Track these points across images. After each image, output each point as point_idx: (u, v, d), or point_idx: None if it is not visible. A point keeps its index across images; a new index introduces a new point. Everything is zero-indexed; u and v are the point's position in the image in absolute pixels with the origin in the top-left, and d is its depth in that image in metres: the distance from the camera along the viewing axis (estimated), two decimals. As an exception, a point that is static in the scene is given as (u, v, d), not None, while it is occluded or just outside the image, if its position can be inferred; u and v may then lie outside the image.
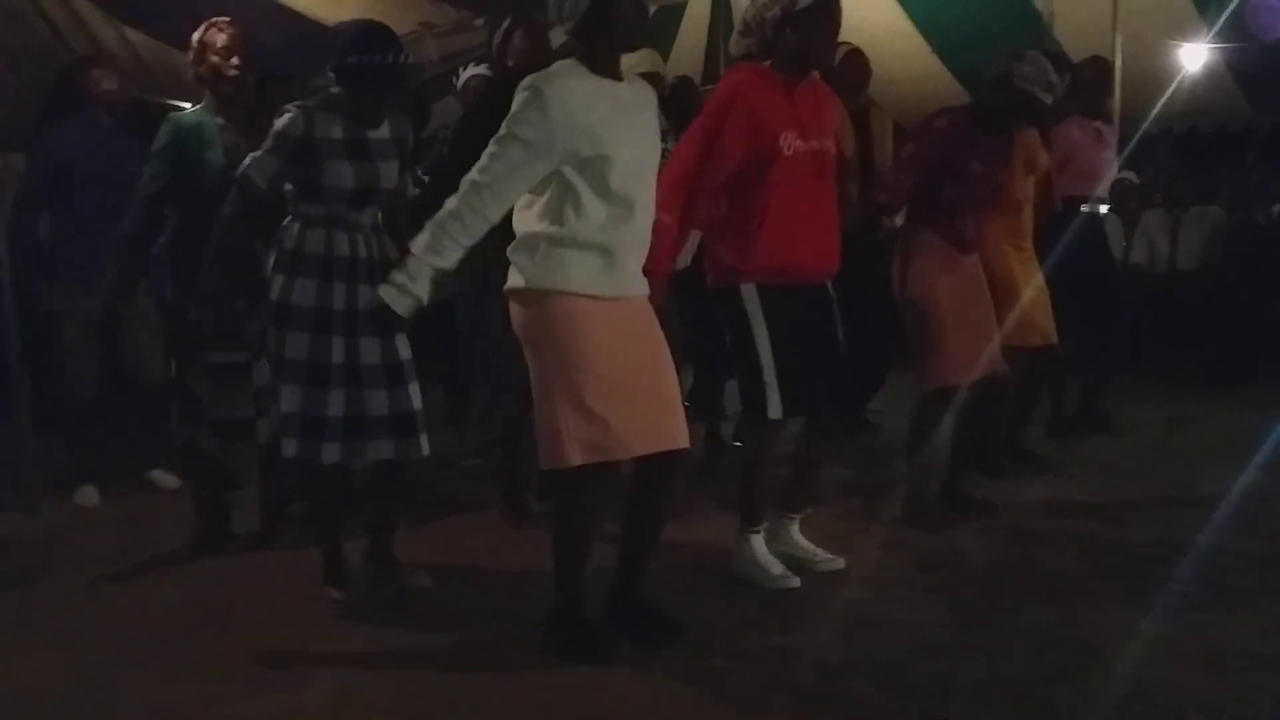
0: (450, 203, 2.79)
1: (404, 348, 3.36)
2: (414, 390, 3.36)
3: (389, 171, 3.35)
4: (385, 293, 2.86)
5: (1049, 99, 3.91)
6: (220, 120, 3.90)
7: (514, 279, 2.85)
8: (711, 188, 3.31)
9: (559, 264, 2.77)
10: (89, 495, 4.72)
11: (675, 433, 2.91)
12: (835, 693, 2.76)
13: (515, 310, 2.89)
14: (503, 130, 2.76)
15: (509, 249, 2.87)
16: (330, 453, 3.28)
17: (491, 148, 2.77)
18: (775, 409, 3.36)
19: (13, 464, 4.69)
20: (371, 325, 3.26)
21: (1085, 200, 5.07)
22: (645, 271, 2.98)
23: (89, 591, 3.63)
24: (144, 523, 4.38)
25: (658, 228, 3.01)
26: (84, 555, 4.00)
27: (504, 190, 2.78)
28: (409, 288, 2.83)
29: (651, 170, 2.93)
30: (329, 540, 3.50)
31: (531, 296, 2.82)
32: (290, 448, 3.28)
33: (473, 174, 2.78)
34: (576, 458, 2.77)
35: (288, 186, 3.30)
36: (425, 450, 3.40)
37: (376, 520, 3.59)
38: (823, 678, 2.83)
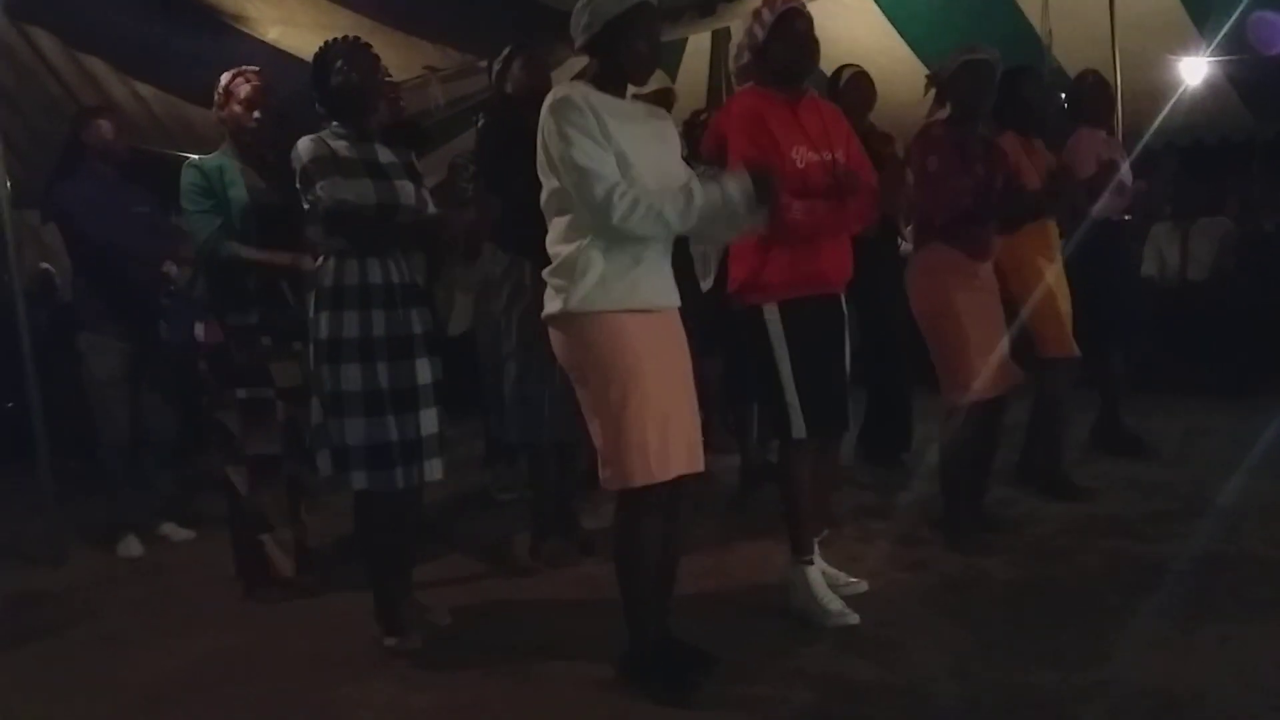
0: (643, 208, 2.70)
1: (428, 372, 3.38)
2: (438, 413, 3.40)
3: (406, 189, 3.39)
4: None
5: (983, 55, 3.93)
6: (239, 164, 3.95)
7: (551, 304, 2.85)
8: None
9: (595, 283, 2.76)
10: (133, 545, 4.70)
11: (696, 455, 2.91)
12: (863, 716, 2.75)
13: (556, 336, 2.89)
14: (566, 153, 2.71)
15: (545, 272, 2.87)
16: (398, 477, 3.30)
17: (573, 177, 2.71)
18: (799, 429, 3.38)
19: (37, 517, 4.72)
20: (410, 349, 3.32)
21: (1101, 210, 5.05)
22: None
23: (115, 642, 3.64)
24: (166, 573, 4.40)
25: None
26: (108, 606, 4.01)
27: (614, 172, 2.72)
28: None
29: (673, 174, 2.89)
30: (384, 582, 3.44)
31: (571, 320, 2.81)
32: (360, 480, 3.28)
33: (599, 205, 2.69)
34: (636, 478, 2.77)
35: (313, 227, 3.35)
36: (440, 473, 3.42)
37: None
38: (850, 701, 2.83)
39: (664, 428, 2.78)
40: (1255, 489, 4.57)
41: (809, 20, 3.41)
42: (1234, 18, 6.62)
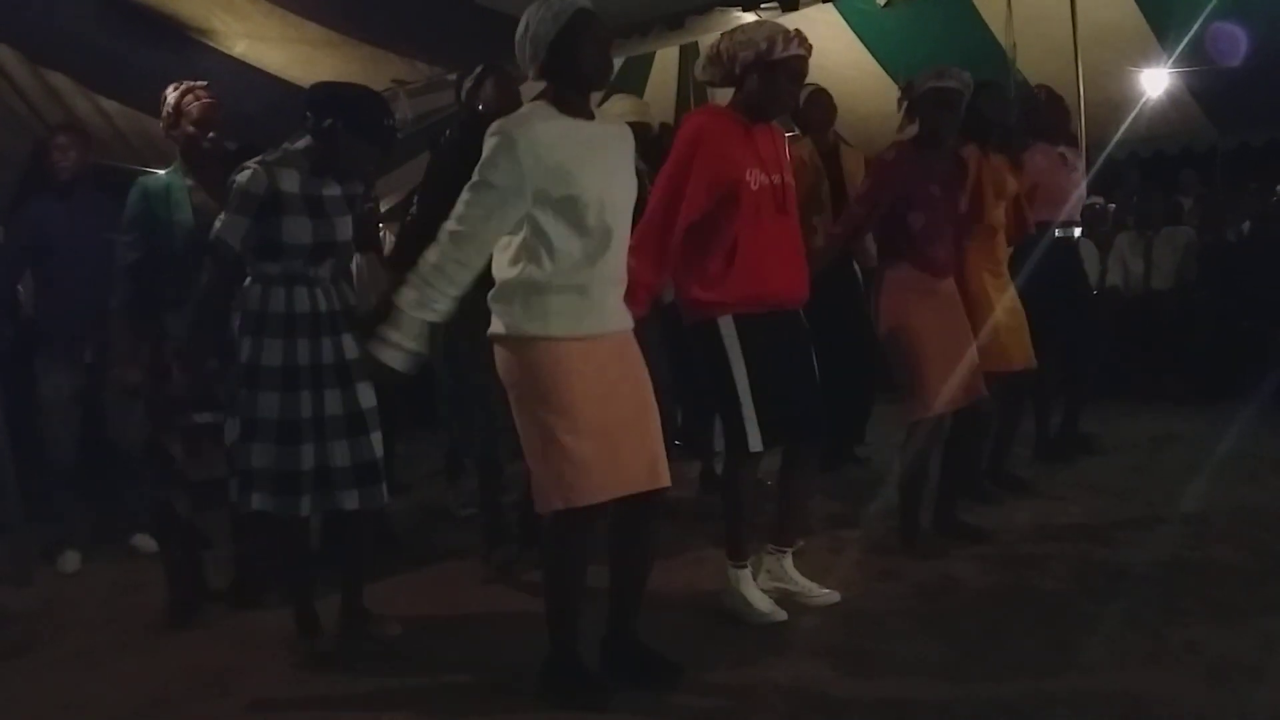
0: (430, 255, 2.77)
1: (367, 397, 3.38)
2: (376, 439, 3.40)
3: (343, 226, 3.40)
4: (377, 349, 2.78)
5: (950, 82, 3.99)
6: (190, 182, 3.93)
7: (495, 325, 2.86)
8: (684, 228, 3.33)
9: (537, 309, 2.78)
10: (71, 560, 4.67)
11: (656, 471, 2.91)
12: (838, 726, 2.76)
13: (499, 355, 2.90)
14: (475, 177, 2.77)
15: (489, 296, 2.88)
16: (304, 505, 3.32)
17: (465, 195, 2.77)
18: (755, 442, 3.39)
19: (3, 535, 4.65)
20: (335, 377, 3.32)
21: (1055, 224, 5.13)
22: None
23: (84, 660, 3.59)
24: (134, 589, 4.33)
25: (629, 273, 3.04)
26: (77, 624, 3.96)
27: (482, 237, 2.78)
28: (402, 343, 2.77)
29: (626, 206, 2.93)
30: (300, 592, 3.52)
31: (513, 343, 2.83)
32: (262, 501, 3.31)
33: (450, 224, 2.78)
34: (558, 502, 2.79)
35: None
36: (386, 498, 3.46)
37: (346, 573, 3.58)
38: (822, 712, 2.83)
39: (603, 454, 2.78)
40: (1221, 495, 4.62)
41: (801, 75, 3.45)
42: (1194, 29, 6.73)
